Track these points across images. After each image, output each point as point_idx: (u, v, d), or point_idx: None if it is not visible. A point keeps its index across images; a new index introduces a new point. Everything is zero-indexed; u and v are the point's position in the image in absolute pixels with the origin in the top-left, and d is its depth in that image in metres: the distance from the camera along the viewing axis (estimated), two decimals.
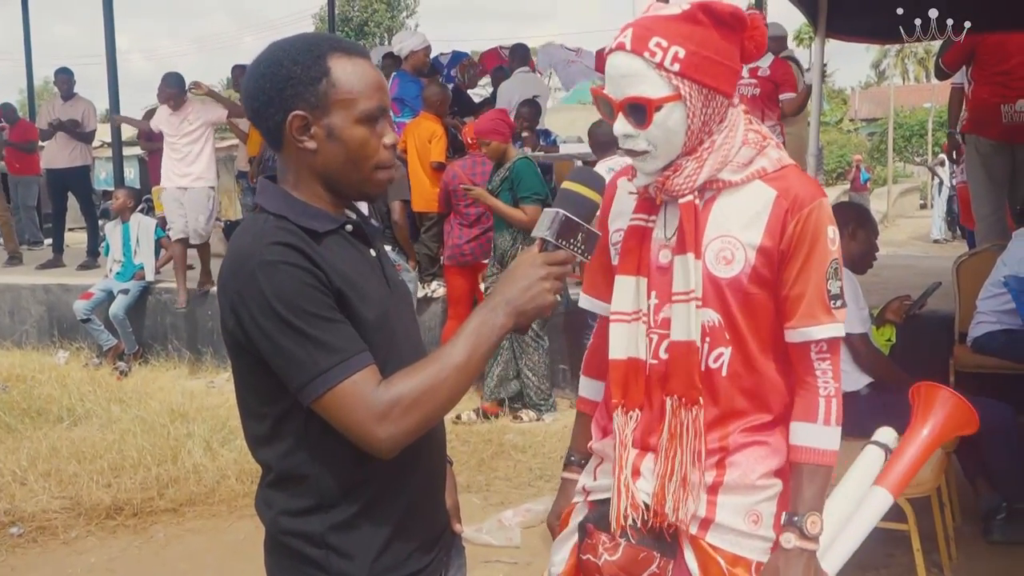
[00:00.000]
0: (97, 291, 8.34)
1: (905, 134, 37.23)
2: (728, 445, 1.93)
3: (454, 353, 1.60)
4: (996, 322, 5.04)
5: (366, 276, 1.68)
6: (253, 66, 1.69)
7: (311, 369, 1.55)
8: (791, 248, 1.88)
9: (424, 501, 1.77)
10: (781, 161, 1.93)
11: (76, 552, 4.55)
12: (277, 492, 1.70)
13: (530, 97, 8.57)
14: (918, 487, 3.65)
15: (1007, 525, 4.20)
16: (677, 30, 1.82)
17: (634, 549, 1.95)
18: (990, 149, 6.64)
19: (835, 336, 1.92)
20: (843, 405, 1.96)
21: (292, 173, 1.70)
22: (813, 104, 6.16)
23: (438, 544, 1.81)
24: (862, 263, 4.16)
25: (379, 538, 1.68)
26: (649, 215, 1.98)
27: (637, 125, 1.86)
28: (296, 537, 1.68)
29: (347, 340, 1.57)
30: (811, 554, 1.90)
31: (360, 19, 41.35)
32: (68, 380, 7.46)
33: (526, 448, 5.85)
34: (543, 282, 1.64)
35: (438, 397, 1.59)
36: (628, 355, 1.99)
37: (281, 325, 1.55)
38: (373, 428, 1.55)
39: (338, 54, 1.65)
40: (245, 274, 1.57)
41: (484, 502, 4.97)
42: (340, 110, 1.64)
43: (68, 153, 10.08)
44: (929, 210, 22.62)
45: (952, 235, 19.11)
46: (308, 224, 1.63)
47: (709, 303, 1.90)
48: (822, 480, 1.93)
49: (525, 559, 4.28)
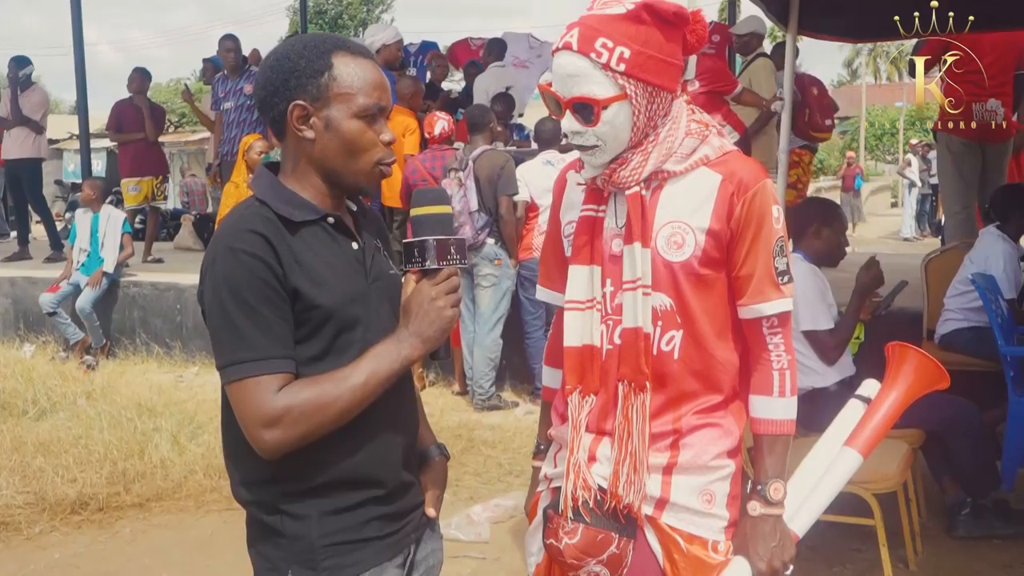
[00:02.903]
0: (64, 284, 8.25)
1: (876, 132, 37.55)
2: (681, 427, 2.00)
3: (353, 375, 1.71)
4: (963, 319, 5.10)
5: (336, 268, 1.77)
6: (265, 59, 1.83)
7: (229, 355, 1.69)
8: (739, 229, 1.97)
9: (386, 475, 1.83)
10: (723, 148, 2.01)
11: (40, 547, 4.49)
12: (233, 464, 1.83)
13: (503, 90, 8.55)
14: (885, 483, 3.68)
15: (971, 521, 4.25)
16: (622, 30, 1.89)
17: (592, 531, 1.99)
18: (961, 148, 6.73)
19: (784, 311, 2.01)
20: (814, 401, 1.98)
21: (290, 161, 1.82)
22: (785, 102, 6.18)
23: (405, 519, 1.88)
24: (831, 257, 4.19)
25: (330, 504, 1.77)
26: (599, 205, 2.05)
27: (584, 123, 1.94)
28: (253, 505, 1.80)
29: (272, 341, 1.68)
30: (776, 518, 2.02)
31: (335, 12, 41.14)
32: (34, 374, 7.34)
33: (496, 443, 5.85)
34: (435, 302, 1.77)
35: (327, 413, 1.69)
36: (583, 342, 2.05)
37: (221, 307, 1.68)
38: (260, 430, 1.67)
39: (343, 52, 1.78)
40: (214, 252, 1.71)
41: (453, 497, 4.95)
42: (339, 103, 1.76)
43: (21, 144, 9.80)
44: (900, 208, 22.81)
45: (922, 233, 19.34)
46: (285, 212, 1.74)
47: (661, 287, 1.97)
48: (781, 448, 2.04)
49: (494, 554, 4.28)
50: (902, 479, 3.83)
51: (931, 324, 5.44)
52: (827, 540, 3.99)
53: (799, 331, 3.96)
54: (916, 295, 5.55)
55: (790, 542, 2.04)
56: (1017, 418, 4.41)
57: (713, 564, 1.99)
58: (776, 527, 2.01)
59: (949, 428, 4.16)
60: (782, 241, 2.00)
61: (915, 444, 4.09)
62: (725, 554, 2.01)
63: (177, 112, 28.89)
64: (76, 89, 10.50)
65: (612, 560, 1.99)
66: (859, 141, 33.65)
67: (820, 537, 3.90)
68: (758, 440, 2.05)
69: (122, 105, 9.72)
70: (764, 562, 1.98)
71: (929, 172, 18.76)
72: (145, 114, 9.62)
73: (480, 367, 6.61)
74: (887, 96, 40.03)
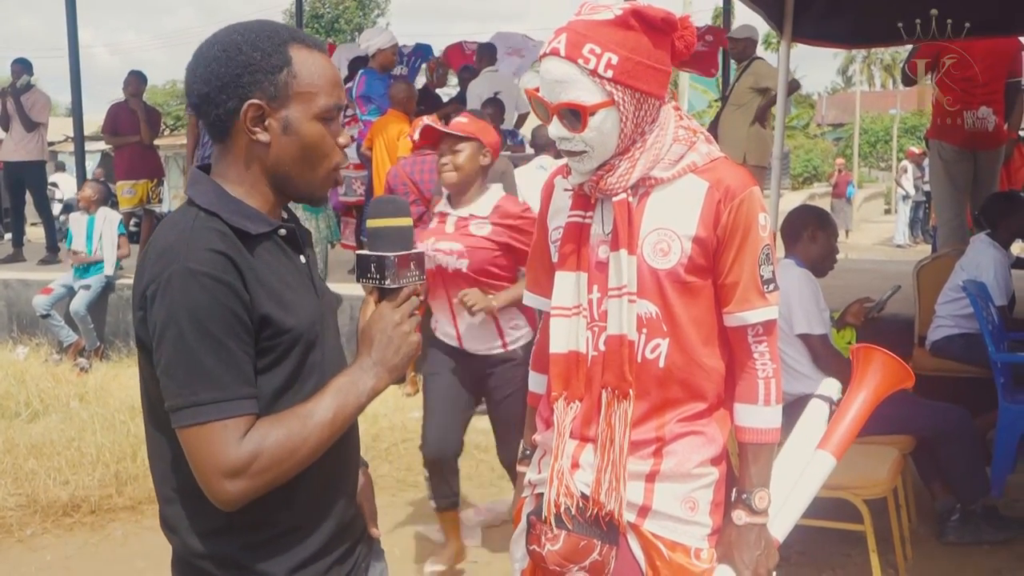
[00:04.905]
0: (57, 286, 8.24)
1: (870, 139, 37.60)
2: (664, 435, 2.00)
3: (318, 411, 1.53)
4: (954, 326, 5.11)
5: (294, 287, 1.60)
6: (205, 48, 1.58)
7: (187, 396, 1.46)
8: (725, 237, 1.96)
9: (345, 513, 1.69)
10: (711, 154, 2.00)
11: (32, 550, 4.49)
12: (179, 511, 1.59)
13: (491, 95, 8.54)
14: (875, 488, 3.70)
15: (961, 527, 4.25)
16: (610, 36, 1.87)
17: (574, 538, 1.99)
18: (953, 155, 6.75)
19: (770, 319, 2.01)
20: (805, 407, 1.99)
21: (234, 166, 1.60)
22: (779, 108, 6.22)
23: (355, 552, 1.73)
24: (823, 266, 4.19)
25: (297, 556, 1.59)
26: (586, 212, 2.04)
27: (572, 128, 1.93)
28: (206, 560, 1.57)
29: (236, 378, 1.47)
30: (761, 527, 2.03)
31: (331, 16, 41.15)
32: (27, 376, 7.33)
33: (488, 448, 5.81)
34: (400, 327, 1.61)
35: (295, 458, 1.50)
36: (568, 348, 2.05)
37: (179, 339, 1.45)
38: (222, 481, 1.45)
39: (299, 45, 1.58)
40: (165, 273, 1.47)
41: None
42: (299, 103, 1.57)
43: (23, 147, 9.82)
44: (893, 215, 22.85)
45: (915, 240, 19.39)
46: (240, 225, 1.54)
47: (647, 295, 1.96)
48: (766, 457, 2.04)
49: (485, 559, 4.28)
50: (892, 485, 3.84)
51: (923, 331, 5.46)
52: (817, 545, 4.00)
53: (793, 334, 3.97)
54: (908, 302, 5.57)
55: (774, 549, 2.05)
56: (1007, 424, 4.43)
57: (696, 571, 1.99)
58: (761, 535, 2.02)
59: (939, 434, 4.17)
60: (768, 249, 2.00)
61: (905, 450, 4.10)
62: (708, 561, 2.01)
63: (172, 115, 28.89)
64: (71, 92, 10.50)
65: (594, 567, 1.99)
66: (853, 148, 33.68)
67: (810, 542, 3.91)
68: (743, 448, 2.05)
69: (118, 108, 9.71)
70: (750, 570, 1.99)
71: (923, 179, 18.80)
72: (141, 117, 9.61)
73: None
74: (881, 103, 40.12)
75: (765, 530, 2.04)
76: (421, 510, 4.64)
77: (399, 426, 6.26)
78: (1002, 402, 4.48)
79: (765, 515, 2.03)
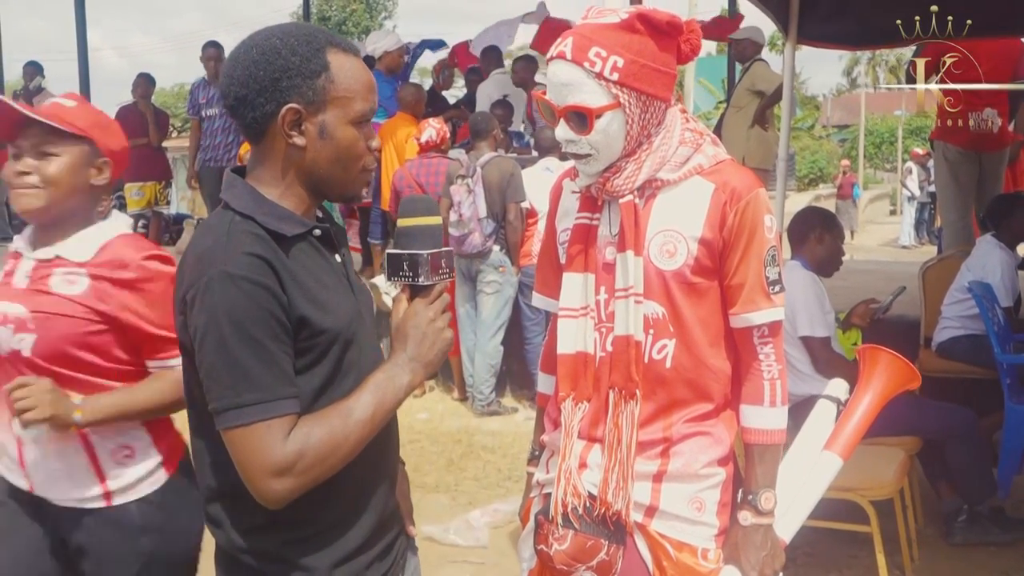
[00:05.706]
0: None
1: (876, 141, 37.52)
2: (672, 435, 2.01)
3: (358, 408, 1.56)
4: (960, 327, 5.12)
5: (330, 287, 1.62)
6: (243, 51, 1.59)
7: (231, 398, 1.49)
8: (731, 238, 1.97)
9: (385, 509, 1.73)
10: (717, 156, 2.01)
11: None
12: (223, 509, 1.63)
13: (500, 98, 8.56)
14: (881, 490, 3.71)
15: (968, 527, 4.26)
16: (616, 39, 1.89)
17: (582, 537, 2.00)
18: (958, 156, 6.75)
19: (775, 320, 2.02)
20: (810, 409, 2.01)
21: (270, 169, 1.62)
22: (784, 110, 6.22)
23: (394, 548, 1.78)
24: (828, 267, 4.21)
25: (338, 551, 1.63)
26: (593, 213, 2.06)
27: (578, 131, 1.94)
28: (249, 554, 1.61)
29: (278, 379, 1.50)
30: (767, 527, 2.04)
31: (338, 19, 41.19)
32: None
33: (495, 448, 5.86)
34: (434, 323, 1.64)
35: (339, 453, 1.54)
36: (576, 349, 2.06)
37: (220, 342, 1.48)
38: (269, 480, 1.49)
39: (336, 49, 1.61)
40: (203, 278, 1.50)
41: (452, 502, 4.98)
42: (336, 108, 1.59)
43: None
44: (898, 216, 22.83)
45: (920, 241, 19.37)
46: (276, 227, 1.56)
47: (653, 296, 1.97)
48: (772, 458, 2.06)
49: (492, 559, 4.29)
50: (899, 486, 3.85)
51: (928, 332, 5.46)
52: (824, 546, 4.01)
53: (796, 336, 3.98)
54: (913, 303, 5.57)
55: (780, 550, 2.06)
56: (1013, 425, 4.44)
57: (703, 571, 2.00)
58: (767, 536, 2.03)
59: (946, 435, 4.18)
60: (774, 251, 2.01)
61: (912, 451, 4.11)
62: (715, 562, 2.02)
63: (181, 117, 28.92)
64: (80, 94, 10.52)
65: (602, 567, 2.00)
66: (858, 149, 33.61)
67: (817, 543, 3.92)
68: (749, 449, 2.06)
69: (126, 110, 9.75)
70: (756, 571, 2.00)
71: (929, 180, 18.79)
72: (149, 119, 9.66)
73: (481, 373, 6.62)
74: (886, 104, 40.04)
75: (771, 531, 2.05)
76: (428, 511, 4.65)
77: (404, 427, 6.19)
78: (1008, 403, 4.48)
79: (771, 516, 2.04)
